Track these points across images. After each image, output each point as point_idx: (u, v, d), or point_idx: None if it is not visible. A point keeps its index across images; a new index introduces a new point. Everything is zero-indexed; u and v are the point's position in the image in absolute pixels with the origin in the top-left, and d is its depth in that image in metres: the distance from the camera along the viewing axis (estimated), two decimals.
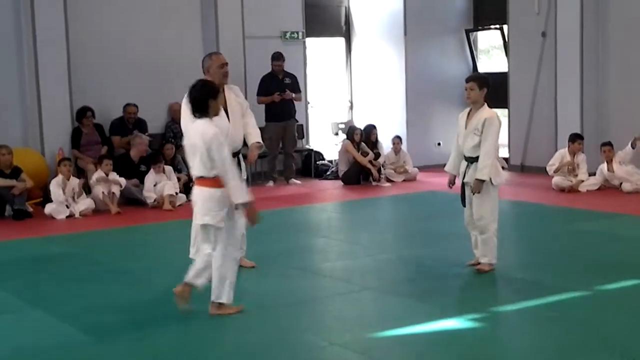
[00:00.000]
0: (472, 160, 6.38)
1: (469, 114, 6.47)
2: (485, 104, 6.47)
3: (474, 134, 6.32)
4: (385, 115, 13.82)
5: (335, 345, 4.85)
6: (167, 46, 12.05)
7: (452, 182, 6.64)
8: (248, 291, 6.25)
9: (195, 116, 5.44)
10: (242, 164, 6.78)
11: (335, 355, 4.76)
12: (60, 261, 7.51)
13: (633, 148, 10.78)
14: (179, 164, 10.92)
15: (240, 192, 5.33)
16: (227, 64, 6.60)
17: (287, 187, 12.09)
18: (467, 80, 6.47)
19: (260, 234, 8.01)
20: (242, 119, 6.68)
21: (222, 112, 6.56)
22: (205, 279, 5.41)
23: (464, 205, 6.48)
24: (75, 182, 9.98)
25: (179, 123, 6.80)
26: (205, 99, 5.40)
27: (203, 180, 5.38)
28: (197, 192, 5.45)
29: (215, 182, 5.33)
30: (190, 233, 6.76)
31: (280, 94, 12.05)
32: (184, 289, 5.40)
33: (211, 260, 5.40)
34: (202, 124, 5.35)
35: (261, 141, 6.94)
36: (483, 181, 6.24)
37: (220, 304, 5.51)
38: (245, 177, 6.80)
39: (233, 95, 6.73)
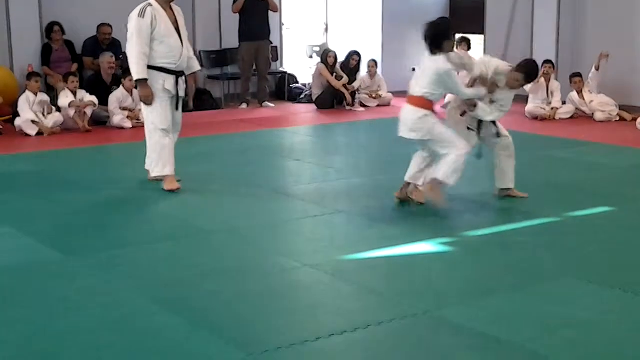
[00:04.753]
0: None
1: None
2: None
3: None
4: (360, 38, 13.66)
5: (307, 266, 4.88)
6: None
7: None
8: (219, 212, 6.25)
9: (431, 52, 5.83)
10: (184, 84, 6.81)
11: (307, 276, 4.79)
12: (30, 179, 7.43)
13: (597, 70, 10.78)
14: None
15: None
16: None
17: (260, 109, 11.98)
18: None
19: (232, 155, 7.98)
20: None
21: (174, 32, 6.64)
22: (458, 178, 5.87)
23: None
24: (44, 97, 9.76)
25: None
26: (442, 38, 5.82)
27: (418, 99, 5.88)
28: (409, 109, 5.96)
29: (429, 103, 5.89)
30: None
31: None
32: (434, 187, 5.88)
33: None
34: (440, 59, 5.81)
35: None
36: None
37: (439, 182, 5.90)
38: (182, 95, 6.83)
39: (181, 16, 6.82)
